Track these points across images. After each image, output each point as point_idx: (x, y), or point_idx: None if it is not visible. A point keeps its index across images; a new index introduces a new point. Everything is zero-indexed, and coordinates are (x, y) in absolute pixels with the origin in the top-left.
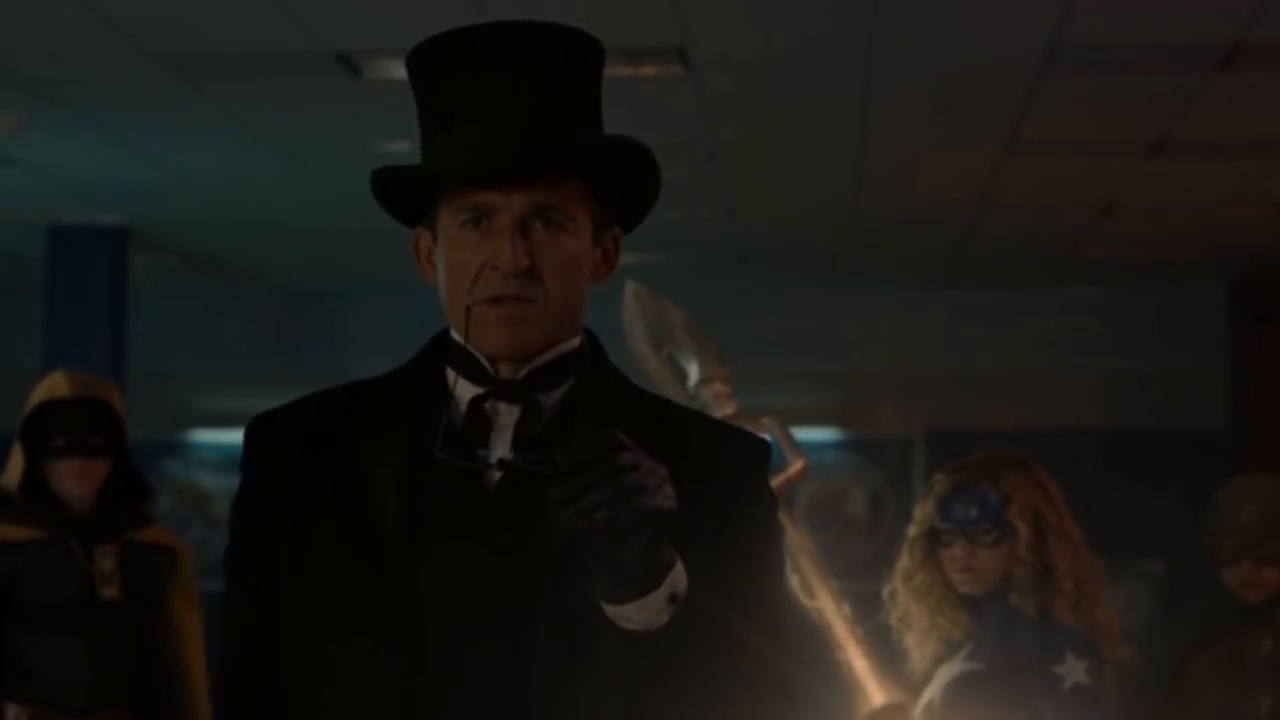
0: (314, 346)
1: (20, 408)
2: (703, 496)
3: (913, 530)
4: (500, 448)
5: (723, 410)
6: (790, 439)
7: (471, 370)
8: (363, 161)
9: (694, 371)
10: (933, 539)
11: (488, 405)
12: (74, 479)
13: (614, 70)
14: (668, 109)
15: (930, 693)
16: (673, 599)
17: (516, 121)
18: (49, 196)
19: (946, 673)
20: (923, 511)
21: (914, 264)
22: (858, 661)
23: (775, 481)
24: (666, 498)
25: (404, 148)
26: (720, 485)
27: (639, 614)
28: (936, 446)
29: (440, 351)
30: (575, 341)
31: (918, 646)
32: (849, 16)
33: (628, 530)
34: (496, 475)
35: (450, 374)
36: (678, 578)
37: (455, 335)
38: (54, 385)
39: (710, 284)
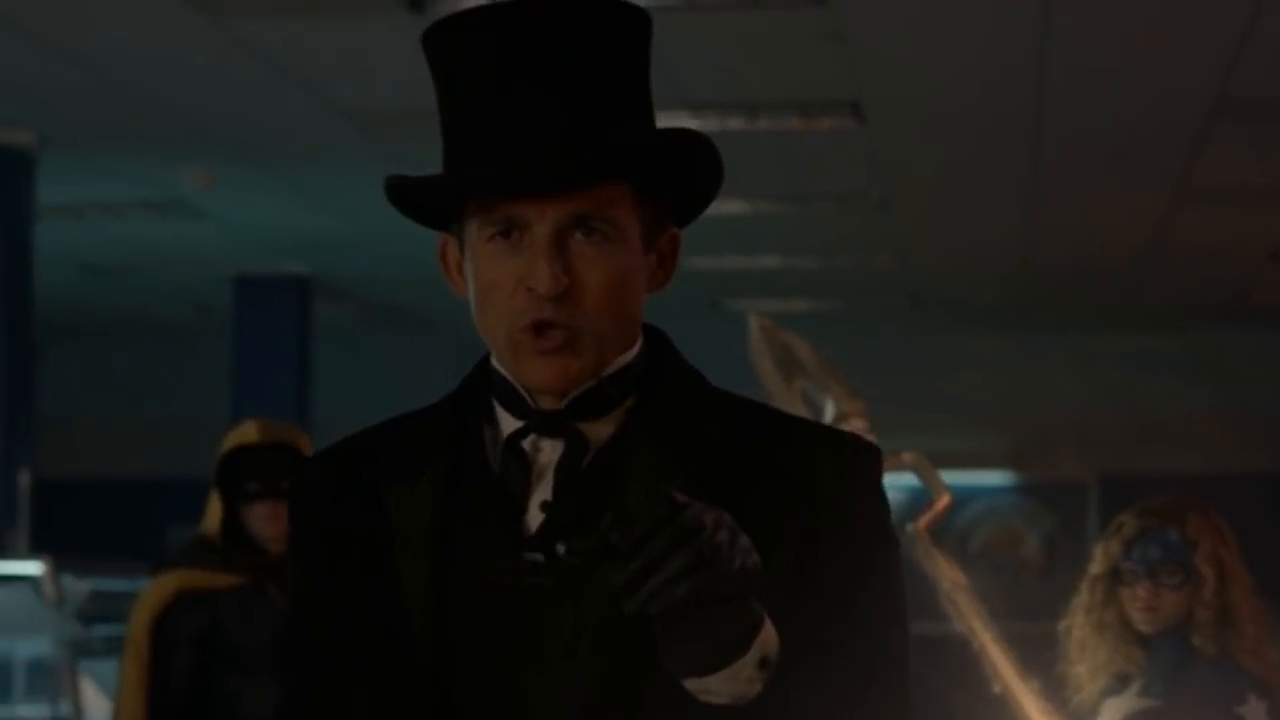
0: None
1: (211, 454)
2: (801, 508)
3: (1094, 568)
4: (543, 491)
5: None
6: (934, 476)
7: (511, 401)
8: None
9: (830, 407)
10: (1115, 577)
11: (526, 443)
12: (267, 522)
13: (789, 123)
14: (841, 160)
15: None
16: (764, 664)
17: (548, 120)
18: (235, 248)
19: (1117, 706)
20: (1106, 551)
21: (1085, 310)
22: (1022, 694)
23: (923, 520)
24: (744, 550)
25: None
26: (820, 495)
27: (727, 685)
28: (1110, 491)
29: (481, 381)
30: (630, 356)
31: (1089, 679)
32: (1020, 69)
33: (708, 601)
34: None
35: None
36: (767, 640)
37: (495, 362)
38: (244, 432)
39: (883, 331)
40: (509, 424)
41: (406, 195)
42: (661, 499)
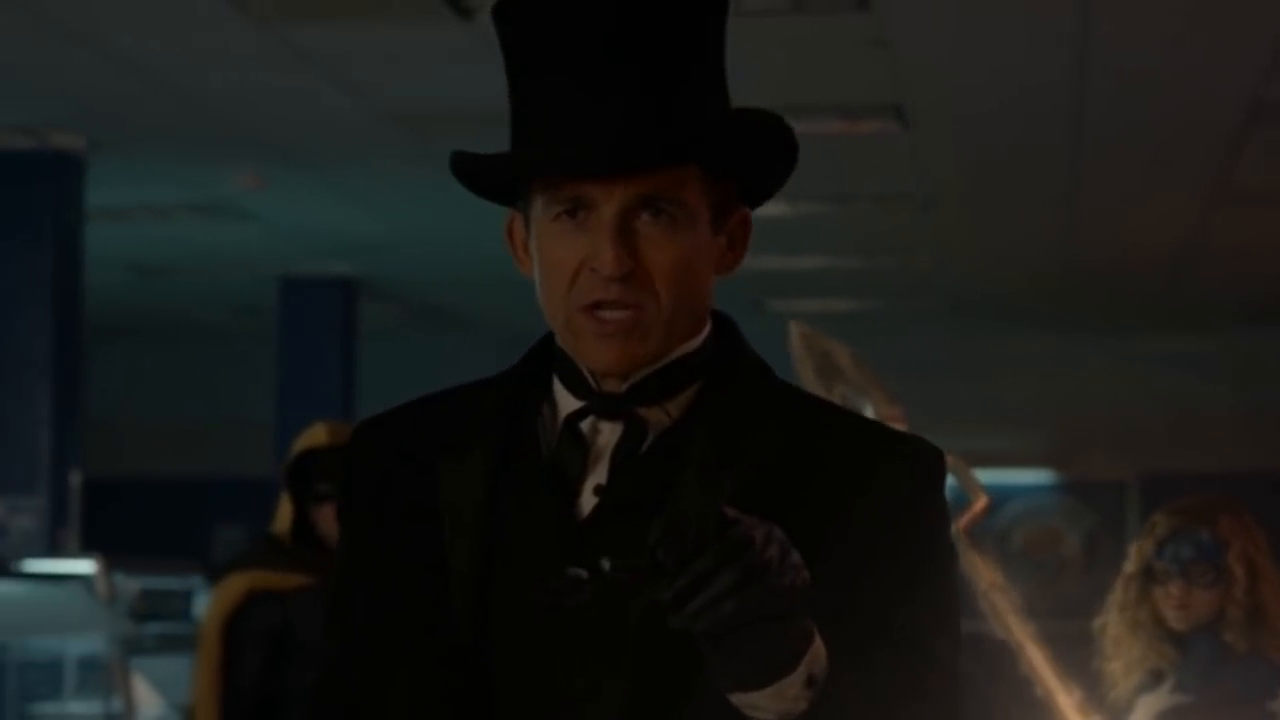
0: None
1: (257, 453)
2: (857, 510)
3: (1129, 567)
4: (598, 474)
5: None
6: (971, 478)
7: (573, 380)
8: None
9: (869, 411)
10: (1148, 576)
11: (585, 424)
12: (335, 523)
13: (831, 126)
14: (883, 163)
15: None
16: (811, 681)
17: (617, 100)
18: (282, 249)
19: (1151, 703)
20: (1140, 550)
21: (1123, 310)
22: (1057, 691)
23: (961, 521)
24: (794, 568)
25: None
26: (879, 497)
27: (773, 702)
28: (1149, 489)
29: (543, 357)
30: (696, 342)
31: (1124, 675)
32: (1058, 72)
33: (756, 619)
34: (586, 577)
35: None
36: (815, 656)
37: (559, 341)
38: (314, 435)
39: (923, 331)
40: (568, 404)
41: (472, 172)
42: (710, 513)
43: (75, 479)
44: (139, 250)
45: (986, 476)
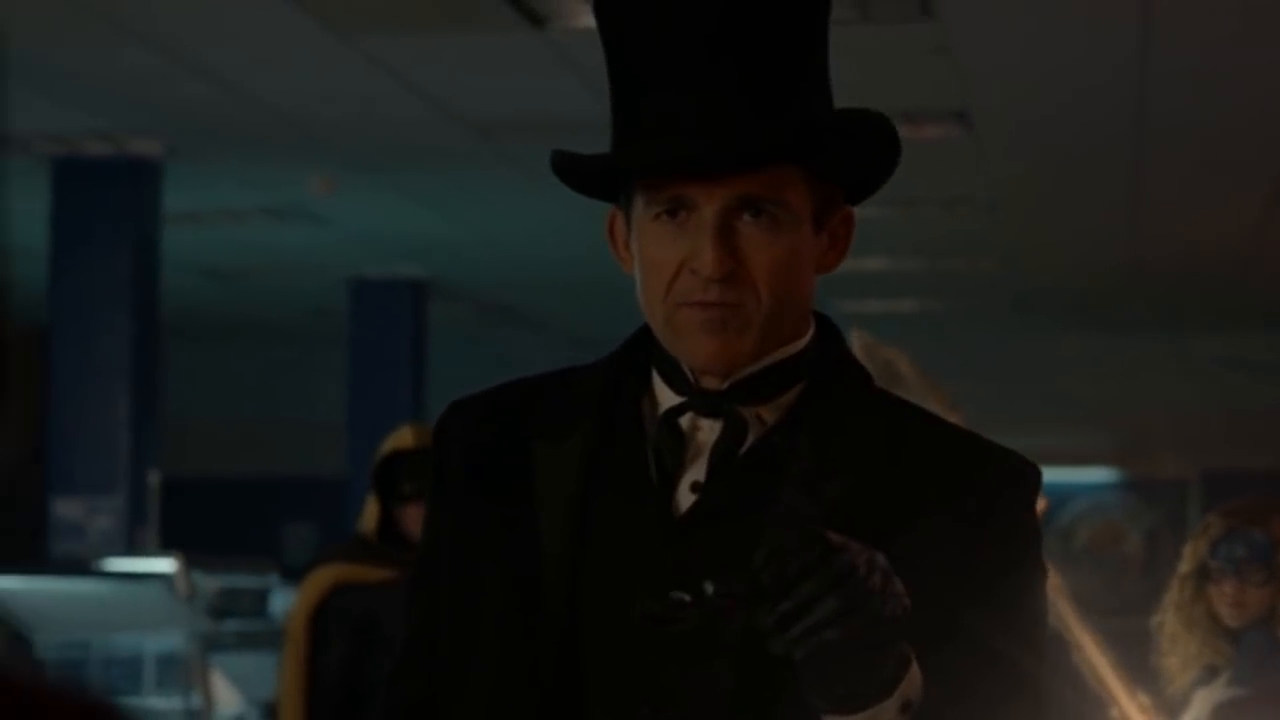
0: None
1: (327, 452)
2: (956, 526)
3: (1184, 566)
4: (696, 471)
5: None
6: None
7: (673, 376)
8: None
9: None
10: (1203, 575)
11: (684, 420)
12: (419, 522)
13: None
14: (947, 166)
15: (1194, 714)
16: (906, 707)
17: (717, 99)
18: (354, 252)
19: (1208, 697)
20: (1194, 550)
21: (1186, 309)
22: (1115, 687)
23: None
24: (895, 596)
25: None
26: (977, 514)
27: None
28: (1211, 487)
29: (642, 348)
30: (801, 344)
31: (1180, 671)
32: (1121, 72)
33: (857, 648)
34: (687, 604)
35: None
36: (912, 682)
37: (660, 338)
38: (400, 437)
39: (987, 331)
40: (667, 398)
41: (572, 171)
42: (815, 539)
43: (153, 479)
44: (213, 254)
45: (1050, 474)
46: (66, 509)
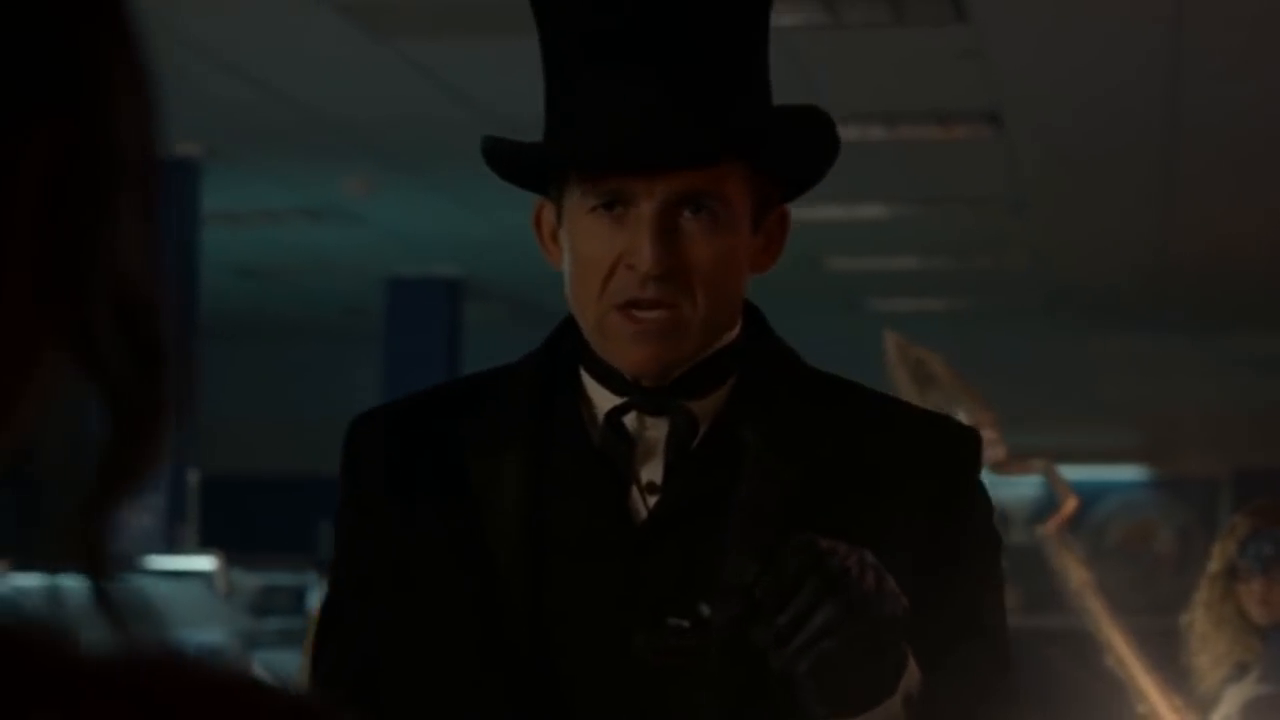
0: None
1: None
2: (901, 502)
3: (1213, 566)
4: (650, 470)
5: (994, 453)
6: (1061, 480)
7: (608, 376)
8: None
9: (962, 417)
10: (1231, 574)
11: (629, 420)
12: None
13: (926, 131)
14: (977, 166)
15: (1224, 711)
16: (907, 701)
17: (663, 91)
18: (389, 252)
19: (1238, 693)
20: (1223, 549)
21: (1217, 308)
22: (1147, 684)
23: (1051, 523)
24: (892, 594)
25: None
26: (922, 485)
27: None
28: (1243, 485)
29: (566, 348)
30: (731, 335)
31: (1211, 669)
32: (1152, 71)
33: (859, 650)
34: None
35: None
36: (911, 677)
37: (588, 339)
38: None
39: (1018, 329)
40: (604, 398)
41: (509, 158)
42: (804, 545)
43: (193, 477)
44: (251, 253)
45: (1081, 472)
46: None
